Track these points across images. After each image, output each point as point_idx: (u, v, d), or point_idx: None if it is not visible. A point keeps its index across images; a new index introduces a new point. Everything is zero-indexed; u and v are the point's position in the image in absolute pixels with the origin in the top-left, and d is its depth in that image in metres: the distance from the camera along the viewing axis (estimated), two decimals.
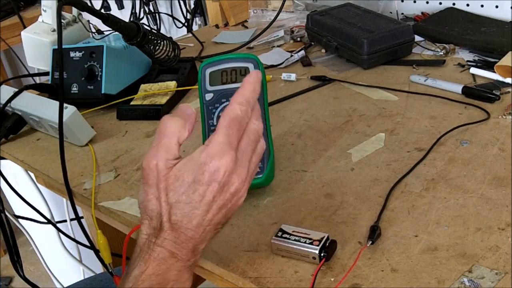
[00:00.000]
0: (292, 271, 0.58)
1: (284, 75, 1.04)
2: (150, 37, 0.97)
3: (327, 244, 0.58)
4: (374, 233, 0.60)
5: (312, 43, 1.18)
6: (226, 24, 1.43)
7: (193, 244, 0.53)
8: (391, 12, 1.25)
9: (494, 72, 0.92)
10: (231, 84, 0.69)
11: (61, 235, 1.10)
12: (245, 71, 0.69)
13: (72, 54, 1.01)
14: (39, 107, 0.90)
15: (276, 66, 1.11)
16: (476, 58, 1.00)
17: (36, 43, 1.07)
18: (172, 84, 1.01)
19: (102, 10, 1.04)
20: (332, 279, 0.56)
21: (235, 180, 0.53)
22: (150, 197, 0.54)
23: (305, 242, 0.58)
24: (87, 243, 0.85)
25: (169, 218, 0.53)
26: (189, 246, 0.53)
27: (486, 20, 1.12)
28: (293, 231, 0.60)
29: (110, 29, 0.93)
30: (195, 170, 0.52)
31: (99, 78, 0.99)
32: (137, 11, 1.98)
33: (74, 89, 1.01)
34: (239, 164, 0.53)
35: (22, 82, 2.37)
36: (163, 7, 2.03)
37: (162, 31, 2.07)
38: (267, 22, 1.28)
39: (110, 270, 0.81)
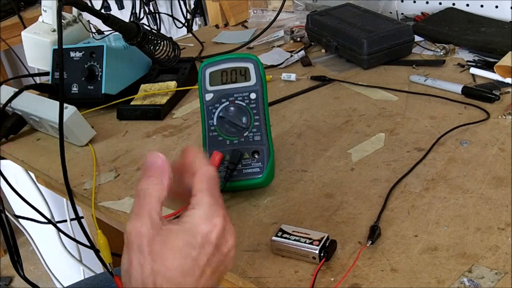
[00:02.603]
0: (292, 271, 0.58)
1: (284, 75, 1.04)
2: (150, 37, 0.97)
3: (327, 244, 0.58)
4: (374, 233, 0.60)
5: (312, 43, 1.18)
6: (226, 24, 1.43)
7: None
8: (391, 12, 1.25)
9: (494, 72, 0.92)
10: (231, 84, 0.69)
11: (61, 235, 1.10)
12: (245, 71, 0.69)
13: (72, 54, 1.01)
14: (39, 107, 0.91)
15: (276, 66, 1.11)
16: (476, 58, 1.00)
17: (36, 43, 1.07)
18: (172, 84, 1.01)
19: (102, 10, 1.04)
20: (332, 279, 0.56)
21: (228, 238, 0.50)
22: (134, 264, 0.47)
23: (305, 242, 0.58)
24: (87, 243, 0.85)
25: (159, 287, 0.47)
26: None
27: (486, 20, 1.12)
28: (293, 231, 0.60)
29: (110, 29, 0.93)
30: (186, 234, 0.48)
31: (99, 78, 0.99)
32: (137, 11, 1.98)
33: (74, 89, 1.01)
34: (228, 223, 0.50)
35: (22, 82, 2.37)
36: (163, 7, 2.03)
37: (162, 31, 2.07)
38: (267, 22, 1.28)
39: (110, 270, 0.81)
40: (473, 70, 0.96)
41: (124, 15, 2.06)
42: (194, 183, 0.51)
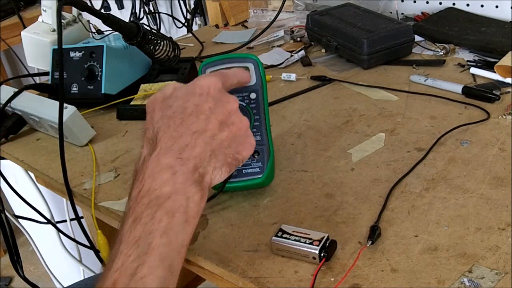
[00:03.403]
0: (292, 271, 0.58)
1: (284, 75, 1.04)
2: (150, 37, 0.97)
3: (327, 244, 0.58)
4: (374, 233, 0.60)
5: (312, 43, 1.18)
6: (226, 24, 1.43)
7: (192, 154, 0.51)
8: (391, 12, 1.25)
9: (494, 72, 0.92)
10: None
11: (61, 235, 1.10)
12: None
13: (72, 54, 1.01)
14: (39, 107, 0.90)
15: (276, 66, 1.11)
16: (476, 58, 1.00)
17: (36, 43, 1.07)
18: None
19: (102, 10, 1.04)
20: (332, 279, 0.56)
21: (229, 99, 0.55)
22: (148, 120, 0.55)
23: (305, 242, 0.58)
24: (87, 243, 0.85)
25: (166, 128, 0.52)
26: (187, 155, 0.50)
27: (486, 20, 1.12)
28: (293, 231, 0.60)
29: (110, 29, 0.93)
30: (186, 87, 0.55)
31: (99, 78, 0.99)
32: (137, 11, 1.98)
33: (74, 89, 1.01)
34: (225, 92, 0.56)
35: (22, 82, 2.37)
36: (163, 7, 2.03)
37: (162, 31, 2.07)
38: (267, 22, 1.28)
39: None
40: (473, 70, 0.96)
41: (124, 15, 2.06)
42: None
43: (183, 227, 0.48)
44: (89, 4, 0.91)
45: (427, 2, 1.23)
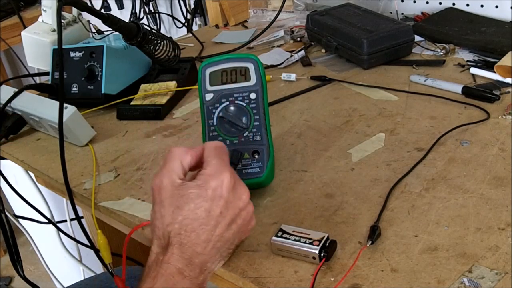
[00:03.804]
0: (292, 271, 0.58)
1: (284, 75, 1.04)
2: (150, 37, 0.97)
3: (327, 244, 0.58)
4: (374, 233, 0.60)
5: (312, 43, 1.18)
6: (226, 24, 1.43)
7: (200, 261, 0.54)
8: (391, 12, 1.25)
9: (494, 72, 0.92)
10: (231, 84, 0.69)
11: (61, 235, 1.10)
12: (245, 71, 0.69)
13: (72, 54, 1.01)
14: (39, 107, 0.90)
15: (276, 66, 1.11)
16: (476, 58, 1.00)
17: (36, 43, 1.07)
18: (172, 84, 1.01)
19: (102, 10, 1.03)
20: (332, 279, 0.56)
21: (241, 194, 0.57)
22: (157, 215, 0.55)
23: (305, 242, 0.58)
24: (87, 243, 0.85)
25: (177, 233, 0.53)
26: (197, 262, 0.54)
27: (486, 20, 1.12)
28: (293, 231, 0.60)
29: (110, 29, 0.93)
30: (198, 188, 0.55)
31: (99, 78, 0.99)
32: (137, 11, 1.98)
33: (74, 89, 1.01)
34: (238, 180, 0.57)
35: (22, 82, 2.37)
36: (163, 7, 2.03)
37: (162, 31, 2.07)
38: (267, 22, 1.28)
39: (110, 270, 0.80)
40: (473, 70, 0.96)
41: (124, 15, 2.06)
42: (204, 155, 0.58)
43: None
44: (89, 4, 0.91)
45: (427, 2, 1.23)
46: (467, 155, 0.73)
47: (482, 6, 1.14)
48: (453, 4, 1.19)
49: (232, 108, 0.69)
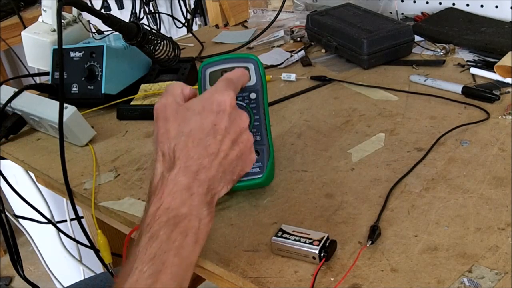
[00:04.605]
0: (292, 271, 0.58)
1: (284, 75, 1.04)
2: (150, 37, 0.97)
3: (327, 244, 0.58)
4: (374, 233, 0.60)
5: (312, 43, 1.18)
6: (226, 24, 1.43)
7: (208, 176, 0.53)
8: (391, 12, 1.25)
9: (494, 72, 0.92)
10: None
11: (61, 235, 1.10)
12: None
13: (72, 54, 1.01)
14: (39, 107, 0.90)
15: (276, 66, 1.11)
16: (476, 58, 1.00)
17: (36, 43, 1.07)
18: None
19: (102, 10, 1.04)
20: (332, 279, 0.56)
21: (242, 116, 0.56)
22: (161, 131, 0.54)
23: (305, 242, 0.58)
24: (87, 243, 0.85)
25: (184, 146, 0.52)
26: (204, 177, 0.52)
27: (486, 20, 1.12)
28: (293, 231, 0.60)
29: (110, 29, 0.93)
30: (204, 101, 0.55)
31: (99, 78, 0.99)
32: (137, 11, 1.98)
33: (74, 89, 1.01)
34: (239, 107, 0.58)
35: (22, 82, 2.37)
36: (163, 7, 2.03)
37: (162, 31, 2.07)
38: (267, 22, 1.28)
39: (110, 270, 0.81)
40: (473, 70, 0.96)
41: (124, 15, 2.06)
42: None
43: (193, 247, 0.51)
44: (89, 4, 0.91)
45: (427, 2, 1.23)
46: (467, 155, 0.73)
47: (482, 6, 1.14)
48: (453, 4, 1.19)
49: None
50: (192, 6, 1.86)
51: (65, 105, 0.83)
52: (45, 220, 1.09)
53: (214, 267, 0.61)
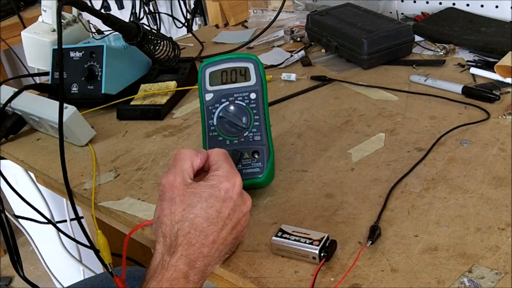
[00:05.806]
0: (292, 271, 0.58)
1: (284, 75, 1.04)
2: (150, 37, 0.97)
3: (327, 244, 0.58)
4: (374, 233, 0.60)
5: (312, 43, 1.18)
6: (226, 24, 1.43)
7: (205, 264, 0.55)
8: (391, 12, 1.25)
9: (494, 72, 0.92)
10: (231, 84, 0.69)
11: (61, 235, 1.10)
12: (245, 71, 0.69)
13: (72, 54, 1.01)
14: (39, 107, 0.90)
15: (276, 66, 1.11)
16: (476, 58, 1.00)
17: (36, 43, 1.07)
18: (172, 84, 1.01)
19: (102, 10, 1.03)
20: (332, 279, 0.56)
21: (247, 201, 0.58)
22: (166, 212, 0.55)
23: (305, 242, 0.58)
24: (87, 243, 0.85)
25: (187, 232, 0.54)
26: (201, 265, 0.54)
27: (486, 20, 1.12)
28: (293, 231, 0.60)
29: (110, 29, 0.93)
30: (211, 188, 0.55)
31: (99, 78, 0.99)
32: (137, 11, 1.98)
33: (74, 89, 1.01)
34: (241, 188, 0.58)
35: (22, 82, 2.37)
36: (163, 7, 2.03)
37: (162, 31, 2.07)
38: (267, 22, 1.28)
39: (110, 270, 0.80)
40: (473, 70, 0.96)
41: (124, 15, 2.06)
42: (210, 161, 0.59)
43: None
44: (89, 4, 0.90)
45: (427, 2, 1.22)
46: (467, 155, 0.73)
47: (482, 6, 1.14)
48: (453, 4, 1.19)
49: (232, 108, 0.69)
50: (192, 6, 1.86)
51: (65, 105, 0.83)
52: (45, 220, 1.08)
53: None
